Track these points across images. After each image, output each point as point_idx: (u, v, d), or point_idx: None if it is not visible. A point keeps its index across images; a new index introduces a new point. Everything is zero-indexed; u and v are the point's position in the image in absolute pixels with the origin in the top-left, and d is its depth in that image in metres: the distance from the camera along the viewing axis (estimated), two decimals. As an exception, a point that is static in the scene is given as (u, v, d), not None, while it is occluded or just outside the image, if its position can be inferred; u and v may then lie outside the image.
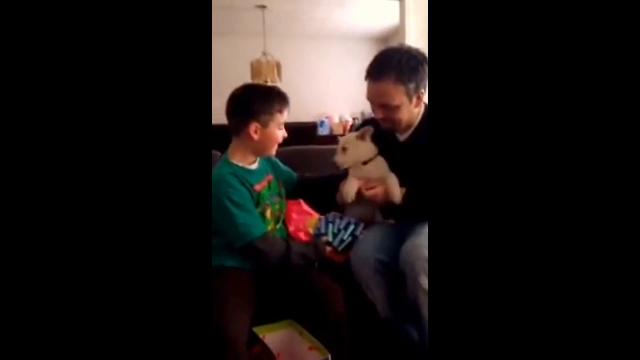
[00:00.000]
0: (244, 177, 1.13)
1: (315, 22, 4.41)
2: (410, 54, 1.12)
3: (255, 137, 1.14)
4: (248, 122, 1.13)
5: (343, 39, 4.97)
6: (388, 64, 1.11)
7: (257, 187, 1.16)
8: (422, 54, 1.13)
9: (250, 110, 1.13)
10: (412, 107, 1.15)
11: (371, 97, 1.15)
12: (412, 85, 1.10)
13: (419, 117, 1.23)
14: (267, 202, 1.19)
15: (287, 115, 1.19)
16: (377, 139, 1.27)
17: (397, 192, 1.16)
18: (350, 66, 5.09)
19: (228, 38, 4.35)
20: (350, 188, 1.18)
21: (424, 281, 1.00)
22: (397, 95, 1.10)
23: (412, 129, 1.23)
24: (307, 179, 1.38)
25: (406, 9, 2.93)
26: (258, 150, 1.19)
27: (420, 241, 1.04)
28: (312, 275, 1.16)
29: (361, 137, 1.22)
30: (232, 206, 1.06)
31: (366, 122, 1.41)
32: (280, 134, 1.18)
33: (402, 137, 1.26)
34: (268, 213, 1.20)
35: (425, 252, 1.01)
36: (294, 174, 1.37)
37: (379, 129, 1.25)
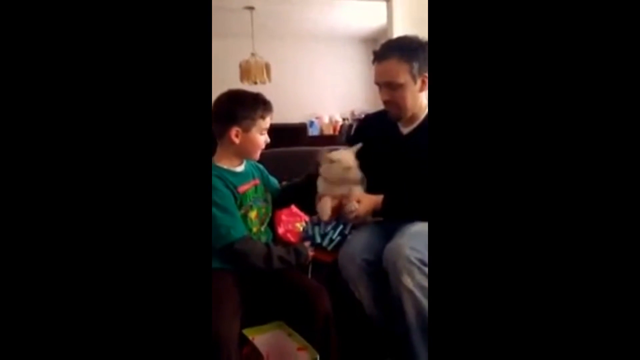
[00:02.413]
0: (228, 179, 1.15)
1: (304, 23, 4.42)
2: (411, 38, 1.22)
3: (237, 141, 1.16)
4: (229, 126, 1.15)
5: (332, 39, 4.98)
6: (392, 46, 1.21)
7: (241, 188, 1.18)
8: (422, 39, 1.21)
9: (232, 115, 1.16)
10: (417, 90, 1.20)
11: (377, 78, 1.22)
12: (415, 65, 1.17)
13: (425, 111, 1.26)
14: (251, 204, 1.20)
15: (270, 121, 1.22)
16: (379, 132, 1.31)
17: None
18: (339, 66, 5.11)
19: (216, 39, 4.30)
20: (324, 207, 1.21)
21: (407, 280, 1.01)
22: (401, 73, 1.17)
23: (416, 123, 1.26)
24: (287, 187, 1.40)
25: (393, 10, 2.95)
26: (241, 154, 1.22)
27: (403, 241, 1.05)
28: (297, 277, 1.17)
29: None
30: (214, 208, 1.08)
31: (379, 113, 1.41)
32: (263, 139, 1.21)
33: (405, 130, 1.28)
34: (253, 215, 1.21)
35: (407, 251, 1.02)
36: (277, 184, 1.39)
37: (383, 117, 1.29)
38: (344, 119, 5.00)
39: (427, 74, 1.19)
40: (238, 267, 1.12)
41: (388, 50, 1.19)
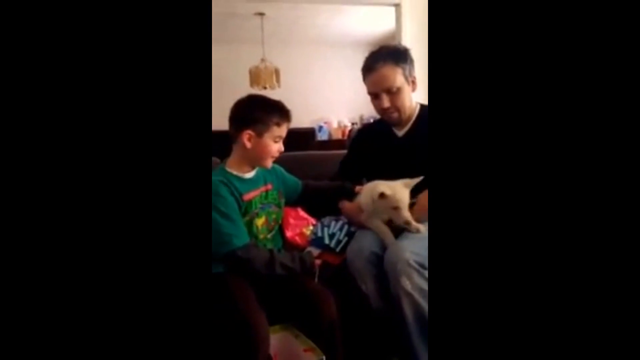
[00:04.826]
0: (235, 186, 1.15)
1: (313, 28, 4.46)
2: (394, 45, 1.33)
3: (249, 145, 1.16)
4: (242, 129, 1.15)
5: (341, 45, 5.01)
6: (382, 54, 1.27)
7: (247, 196, 1.18)
8: (403, 45, 1.33)
9: (247, 118, 1.16)
10: (410, 91, 1.28)
11: (374, 87, 1.26)
12: (406, 67, 1.24)
13: (416, 112, 1.32)
14: (257, 211, 1.20)
15: (286, 130, 1.20)
16: (376, 137, 1.36)
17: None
18: (348, 72, 5.11)
19: (227, 45, 4.39)
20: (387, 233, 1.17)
21: (405, 282, 1.03)
22: (397, 77, 1.23)
23: (410, 124, 1.31)
24: (312, 187, 1.40)
25: (402, 15, 2.97)
26: (251, 160, 1.20)
27: (404, 244, 1.07)
28: (304, 281, 1.17)
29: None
30: (217, 215, 1.08)
31: (373, 123, 1.46)
32: (276, 147, 1.19)
33: (400, 132, 1.33)
34: (259, 222, 1.21)
35: (407, 254, 1.04)
36: (299, 182, 1.38)
37: (378, 125, 1.36)
38: (352, 124, 5.01)
39: (415, 75, 1.27)
40: (241, 273, 1.12)
41: (381, 58, 1.24)
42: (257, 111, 1.15)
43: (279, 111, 1.17)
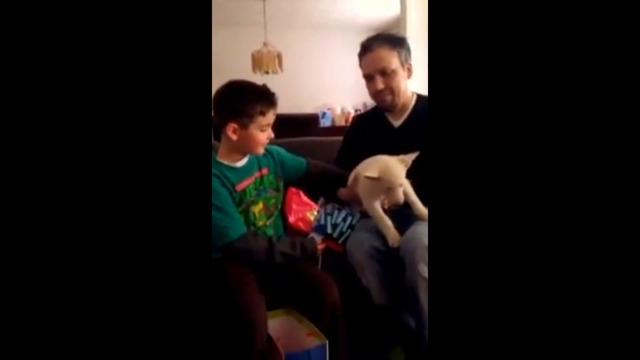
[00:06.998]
0: (227, 176, 1.13)
1: (317, 12, 4.39)
2: (392, 32, 1.35)
3: (234, 137, 1.11)
4: (226, 122, 1.10)
5: (345, 29, 4.93)
6: (378, 37, 1.29)
7: (240, 186, 1.15)
8: (401, 34, 1.37)
9: (229, 111, 1.10)
10: (405, 77, 1.29)
11: (369, 68, 1.27)
12: (402, 52, 1.26)
13: (412, 102, 1.32)
14: (253, 199, 1.18)
15: (273, 116, 1.15)
16: (371, 126, 1.35)
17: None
18: (352, 57, 5.01)
19: (229, 28, 4.34)
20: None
21: (424, 269, 1.02)
22: (393, 59, 1.25)
23: (406, 114, 1.31)
24: (320, 168, 1.35)
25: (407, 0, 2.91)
26: (241, 150, 1.17)
27: (420, 229, 1.07)
28: (306, 268, 1.17)
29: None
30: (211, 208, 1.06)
31: (368, 112, 1.46)
32: (265, 135, 1.14)
33: (396, 123, 1.32)
34: (256, 210, 1.19)
35: (425, 240, 1.03)
36: (303, 161, 1.33)
37: (372, 114, 1.37)
38: (356, 110, 4.97)
39: (411, 62, 1.28)
40: (241, 263, 1.12)
41: (377, 41, 1.27)
42: (239, 102, 1.09)
43: (263, 98, 1.11)
